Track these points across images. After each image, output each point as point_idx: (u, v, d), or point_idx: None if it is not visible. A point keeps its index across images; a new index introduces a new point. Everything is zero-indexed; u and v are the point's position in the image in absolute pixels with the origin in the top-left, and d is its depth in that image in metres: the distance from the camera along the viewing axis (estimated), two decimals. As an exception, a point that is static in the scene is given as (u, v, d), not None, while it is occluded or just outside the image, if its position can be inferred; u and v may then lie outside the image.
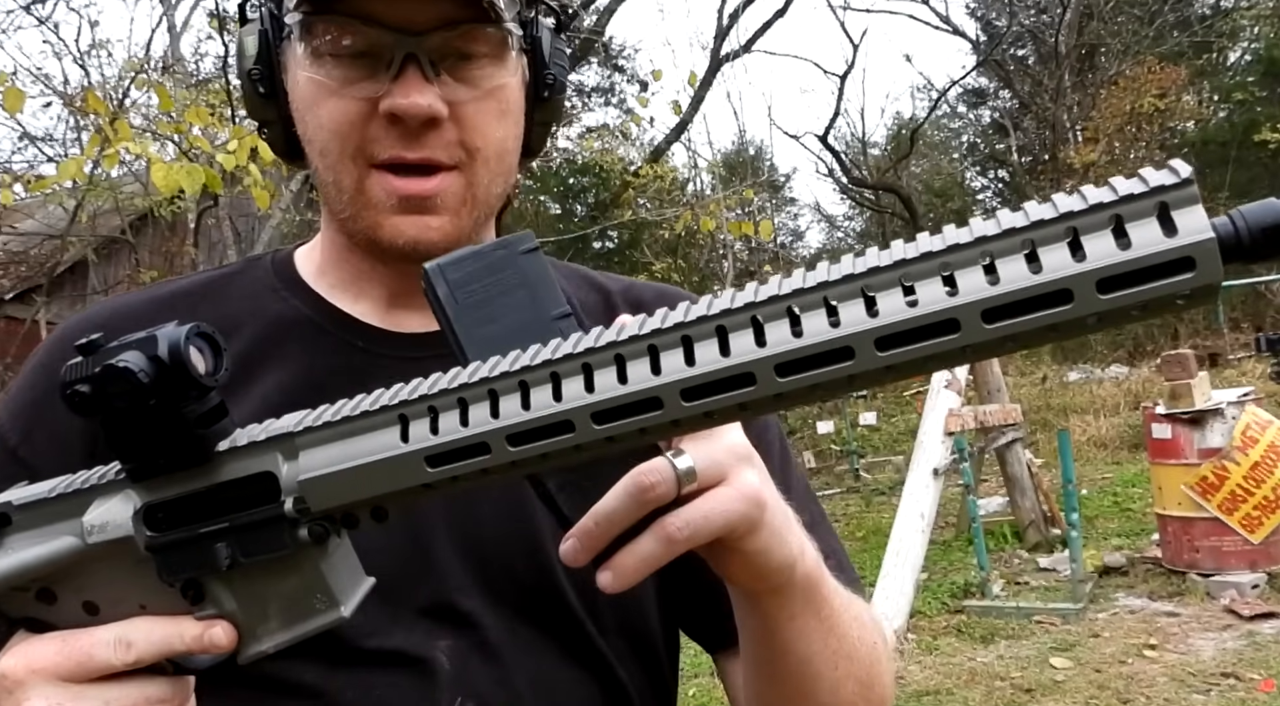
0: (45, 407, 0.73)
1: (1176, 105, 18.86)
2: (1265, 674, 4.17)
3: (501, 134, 0.74)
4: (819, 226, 38.03)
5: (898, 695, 4.43)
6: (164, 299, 0.79)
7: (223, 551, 0.51)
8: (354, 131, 0.71)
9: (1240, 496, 5.36)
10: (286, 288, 0.81)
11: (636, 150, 18.29)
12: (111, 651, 0.52)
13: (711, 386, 0.42)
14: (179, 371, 0.48)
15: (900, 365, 0.40)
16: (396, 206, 0.71)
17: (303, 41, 0.71)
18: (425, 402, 0.47)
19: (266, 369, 0.75)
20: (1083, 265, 0.37)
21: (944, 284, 0.39)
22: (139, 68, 9.64)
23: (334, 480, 0.48)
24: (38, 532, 0.53)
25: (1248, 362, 12.39)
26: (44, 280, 8.86)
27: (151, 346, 0.48)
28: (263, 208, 5.08)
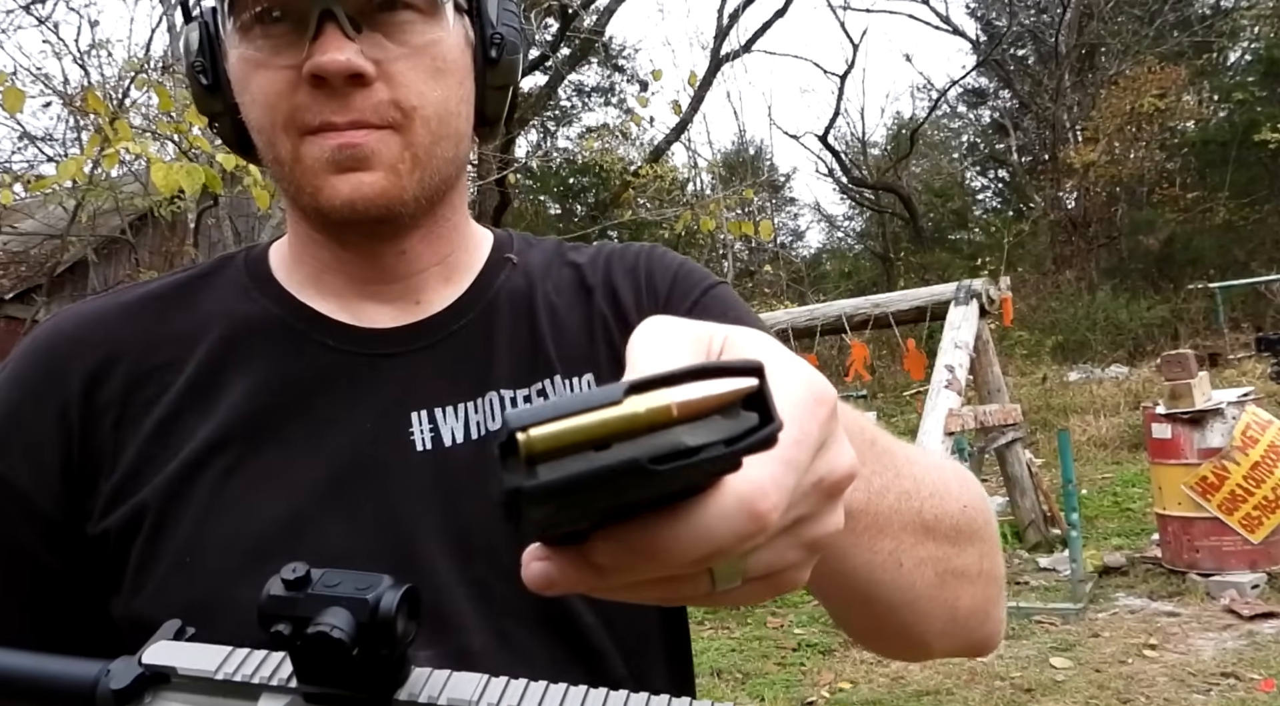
0: (18, 421, 0.71)
1: (1176, 105, 18.87)
2: (1265, 674, 4.17)
3: (440, 94, 0.71)
4: (819, 226, 38.08)
5: (898, 695, 4.44)
6: (133, 305, 0.77)
7: None
8: (282, 101, 0.68)
9: (1240, 496, 5.36)
10: (257, 287, 0.78)
11: (636, 150, 18.30)
12: None
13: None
14: (384, 633, 0.49)
15: None
16: (329, 164, 0.68)
17: (231, 17, 0.69)
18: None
19: (235, 372, 0.73)
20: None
21: None
22: (139, 68, 9.64)
23: None
24: (196, 701, 0.54)
25: (1248, 362, 12.40)
26: (44, 280, 8.87)
27: (363, 611, 0.49)
28: (263, 207, 5.08)
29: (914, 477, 0.62)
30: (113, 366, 0.72)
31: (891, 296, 8.12)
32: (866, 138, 25.94)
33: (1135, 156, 19.34)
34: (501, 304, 0.79)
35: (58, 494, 0.70)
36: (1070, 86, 20.83)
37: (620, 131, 17.70)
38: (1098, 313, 15.92)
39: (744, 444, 0.33)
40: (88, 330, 0.74)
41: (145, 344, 0.73)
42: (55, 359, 0.72)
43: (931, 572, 0.63)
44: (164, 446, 0.69)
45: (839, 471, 0.39)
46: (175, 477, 0.68)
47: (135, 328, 0.74)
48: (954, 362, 6.58)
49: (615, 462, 0.32)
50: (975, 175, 26.89)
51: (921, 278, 17.60)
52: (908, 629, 0.65)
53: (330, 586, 0.50)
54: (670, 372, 0.34)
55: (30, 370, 0.72)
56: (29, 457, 0.70)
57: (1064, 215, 20.40)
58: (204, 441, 0.69)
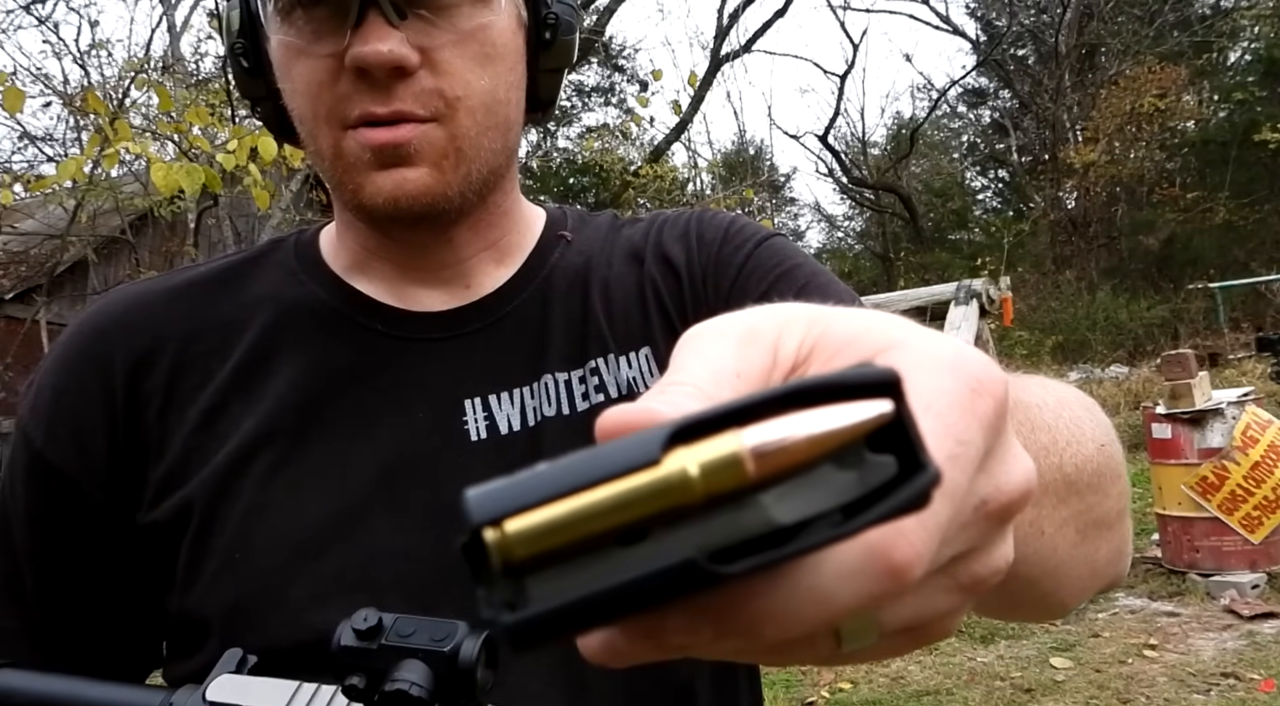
0: (66, 407, 0.70)
1: (1176, 105, 18.87)
2: (1265, 674, 4.17)
3: (489, 82, 0.67)
4: (819, 226, 38.02)
5: (898, 695, 4.44)
6: (180, 289, 0.75)
7: None
8: (324, 91, 0.65)
9: (1240, 496, 5.36)
10: (305, 270, 0.76)
11: (636, 150, 18.31)
12: None
13: None
14: (464, 686, 0.47)
15: None
16: (371, 161, 0.65)
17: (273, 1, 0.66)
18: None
19: (282, 360, 0.71)
20: None
21: None
22: (139, 68, 9.64)
23: None
24: None
25: (1248, 363, 12.39)
26: (44, 280, 8.87)
27: (441, 664, 0.47)
28: (262, 208, 5.08)
29: (1049, 427, 0.53)
30: (158, 352, 0.70)
31: (891, 296, 8.12)
32: (866, 138, 25.96)
33: (1135, 156, 19.34)
34: (556, 282, 0.76)
35: (106, 481, 0.69)
36: (1070, 86, 20.83)
37: (620, 131, 17.72)
38: (1098, 313, 15.91)
39: (876, 513, 0.22)
40: (133, 315, 0.73)
41: (191, 329, 0.71)
42: (100, 345, 0.71)
43: (1073, 531, 0.53)
44: (210, 437, 0.68)
45: (1010, 489, 0.28)
46: (223, 472, 0.67)
47: (181, 312, 0.73)
48: (954, 363, 6.58)
49: (655, 570, 0.20)
50: (975, 175, 26.90)
51: (921, 278, 17.61)
52: (1046, 597, 0.56)
53: (404, 636, 0.48)
54: (741, 403, 0.22)
55: (76, 356, 0.72)
56: (77, 443, 0.69)
57: (1064, 215, 20.40)
58: (251, 433, 0.68)
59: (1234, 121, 19.30)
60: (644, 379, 0.72)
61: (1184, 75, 18.68)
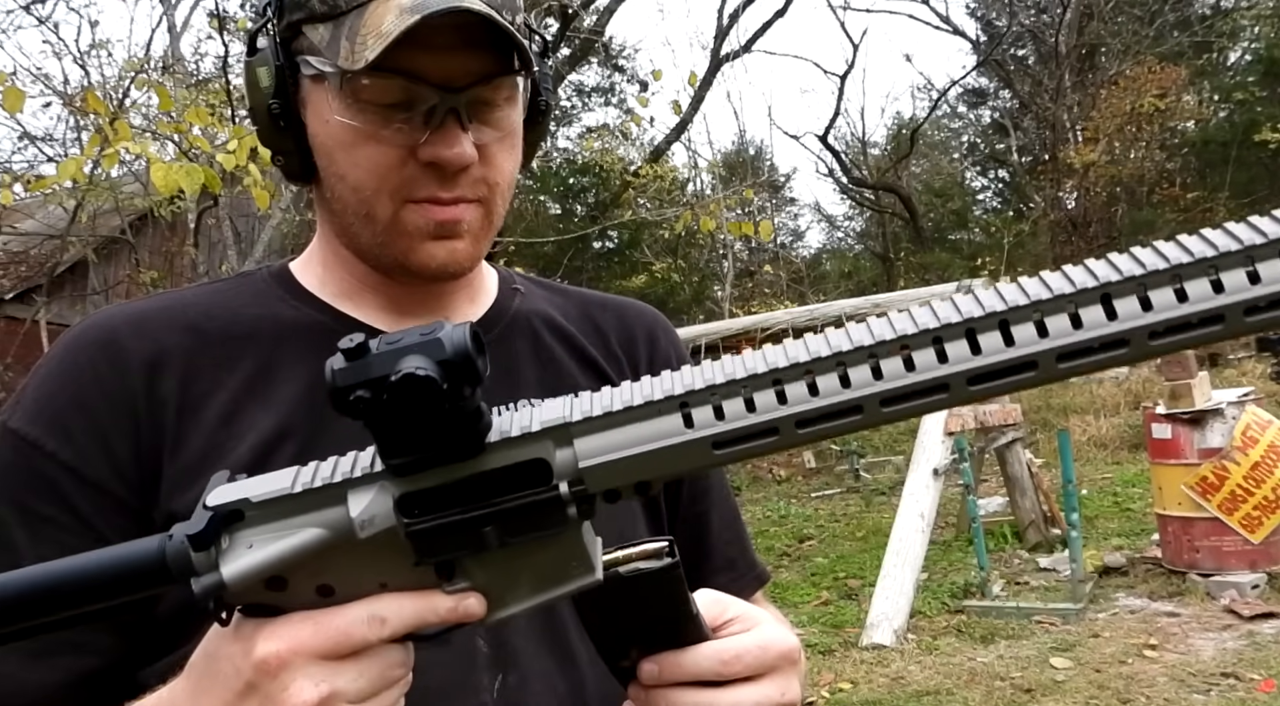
0: (80, 409, 0.74)
1: (1176, 105, 18.86)
2: (1265, 674, 4.17)
3: (512, 166, 0.82)
4: (819, 226, 38.06)
5: (898, 695, 4.44)
6: (179, 306, 0.81)
7: (491, 535, 0.53)
8: (392, 173, 0.76)
9: (1240, 496, 5.36)
10: (294, 296, 0.84)
11: (636, 150, 18.31)
12: (367, 628, 0.54)
13: (989, 375, 0.49)
14: (467, 372, 0.49)
15: (1073, 369, 0.49)
16: (430, 234, 0.78)
17: (343, 89, 0.75)
18: (709, 391, 0.51)
19: (289, 370, 0.78)
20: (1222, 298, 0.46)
21: (1140, 302, 0.47)
22: (139, 68, 9.64)
23: (619, 465, 0.52)
24: (276, 526, 0.54)
25: (1248, 362, 12.39)
26: (44, 280, 8.86)
27: (438, 349, 0.49)
28: (262, 208, 5.08)
29: None
30: (167, 360, 0.77)
31: (891, 296, 8.13)
32: (866, 138, 25.93)
33: (1135, 156, 19.32)
34: (520, 324, 0.89)
35: (129, 478, 0.73)
36: (1070, 86, 20.82)
37: (620, 131, 17.72)
38: (1098, 313, 15.89)
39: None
40: (137, 326, 0.78)
41: (192, 343, 0.78)
42: (113, 349, 0.76)
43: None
44: (229, 435, 0.75)
45: None
46: (247, 464, 0.71)
47: (180, 326, 0.79)
48: (954, 363, 6.57)
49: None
50: (975, 175, 26.87)
51: (921, 278, 17.61)
52: None
53: (393, 341, 0.50)
54: None
55: (89, 360, 0.76)
56: (96, 443, 0.73)
57: (1064, 215, 20.39)
58: (270, 430, 0.75)
59: (1234, 121, 19.30)
60: None
61: (1184, 75, 18.67)
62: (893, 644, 5.10)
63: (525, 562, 0.56)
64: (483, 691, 0.75)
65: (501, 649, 0.77)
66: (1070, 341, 0.48)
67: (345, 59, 0.73)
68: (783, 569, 7.30)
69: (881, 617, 5.23)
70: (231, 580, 0.52)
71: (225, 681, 0.54)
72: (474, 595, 0.56)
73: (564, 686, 0.79)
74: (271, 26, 0.79)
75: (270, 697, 0.53)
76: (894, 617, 5.24)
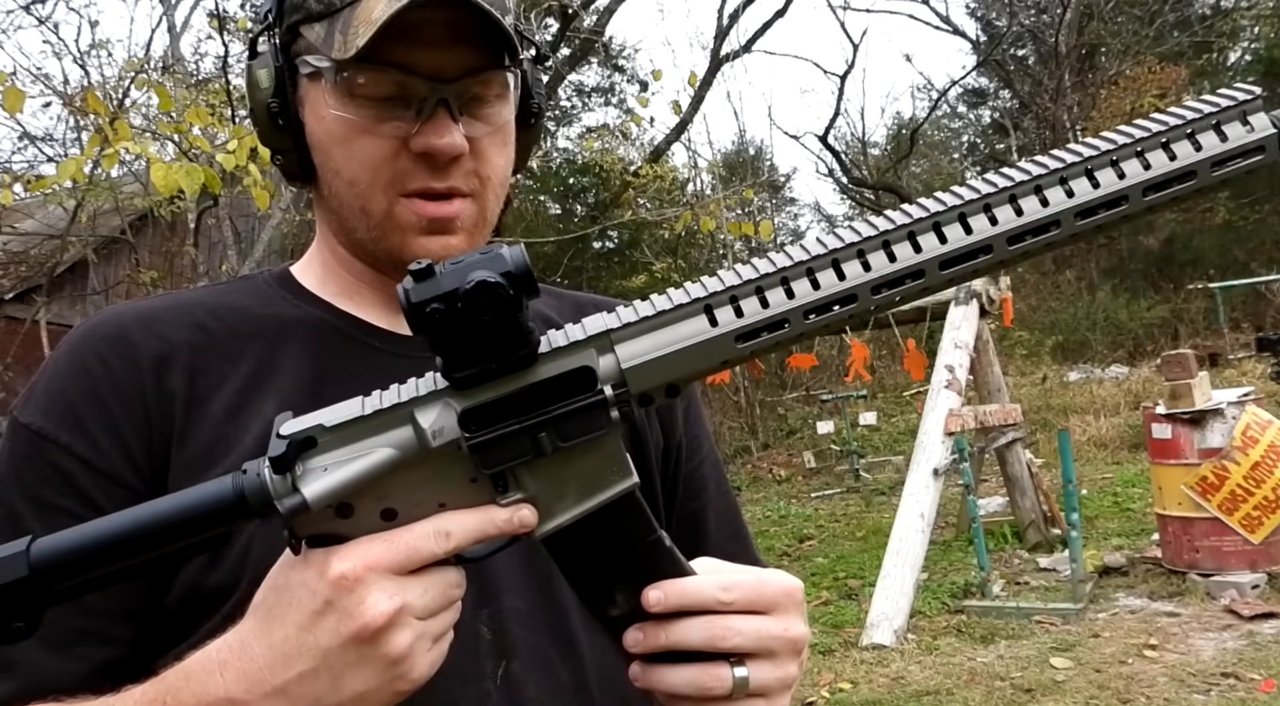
0: (93, 402, 0.76)
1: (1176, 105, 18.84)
2: (1265, 674, 4.17)
3: (504, 162, 0.84)
4: (819, 226, 37.99)
5: (898, 695, 4.43)
6: (184, 305, 0.83)
7: (546, 441, 0.58)
8: (386, 165, 0.79)
9: (1240, 496, 5.36)
10: (296, 296, 0.87)
11: (636, 150, 18.30)
12: (434, 542, 0.58)
13: (958, 258, 0.58)
14: (526, 282, 0.54)
15: (1083, 233, 0.59)
16: (424, 228, 0.80)
17: (338, 84, 0.77)
18: (728, 292, 0.58)
19: (294, 362, 0.81)
20: (1201, 153, 0.58)
21: (1114, 172, 0.59)
22: (139, 68, 9.64)
23: (655, 365, 0.58)
24: (347, 450, 0.58)
25: (1248, 362, 12.39)
26: (44, 280, 8.85)
27: (500, 263, 0.54)
28: (262, 208, 5.07)
29: None
30: (174, 355, 0.79)
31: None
32: (866, 138, 25.91)
33: (1135, 156, 19.30)
34: None
35: (140, 469, 0.75)
36: (1070, 86, 20.82)
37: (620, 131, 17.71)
38: (1098, 312, 15.90)
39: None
40: (146, 324, 0.80)
41: (198, 340, 0.80)
42: (124, 345, 0.78)
43: None
44: (235, 427, 0.77)
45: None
46: (254, 454, 0.73)
47: (186, 324, 0.81)
48: (954, 362, 6.58)
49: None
50: (975, 175, 26.76)
51: (921, 278, 17.55)
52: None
53: (457, 262, 0.55)
54: None
55: (100, 356, 0.78)
56: (109, 435, 0.75)
57: (1064, 215, 20.37)
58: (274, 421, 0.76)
59: (1234, 121, 19.26)
60: None
61: (1184, 75, 18.66)
62: (893, 644, 5.10)
63: (571, 471, 0.60)
64: (486, 679, 0.76)
65: (504, 636, 0.78)
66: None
67: (339, 50, 0.75)
68: (783, 569, 7.29)
69: (881, 617, 5.23)
70: (313, 499, 0.56)
71: (300, 603, 0.58)
72: (527, 506, 0.60)
73: (566, 672, 0.80)
74: (272, 31, 0.82)
75: (348, 612, 0.56)
76: (894, 617, 5.24)
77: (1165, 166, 0.58)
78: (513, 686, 0.76)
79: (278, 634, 0.58)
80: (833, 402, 12.56)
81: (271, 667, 0.58)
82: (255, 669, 0.58)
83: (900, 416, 12.93)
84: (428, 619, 0.59)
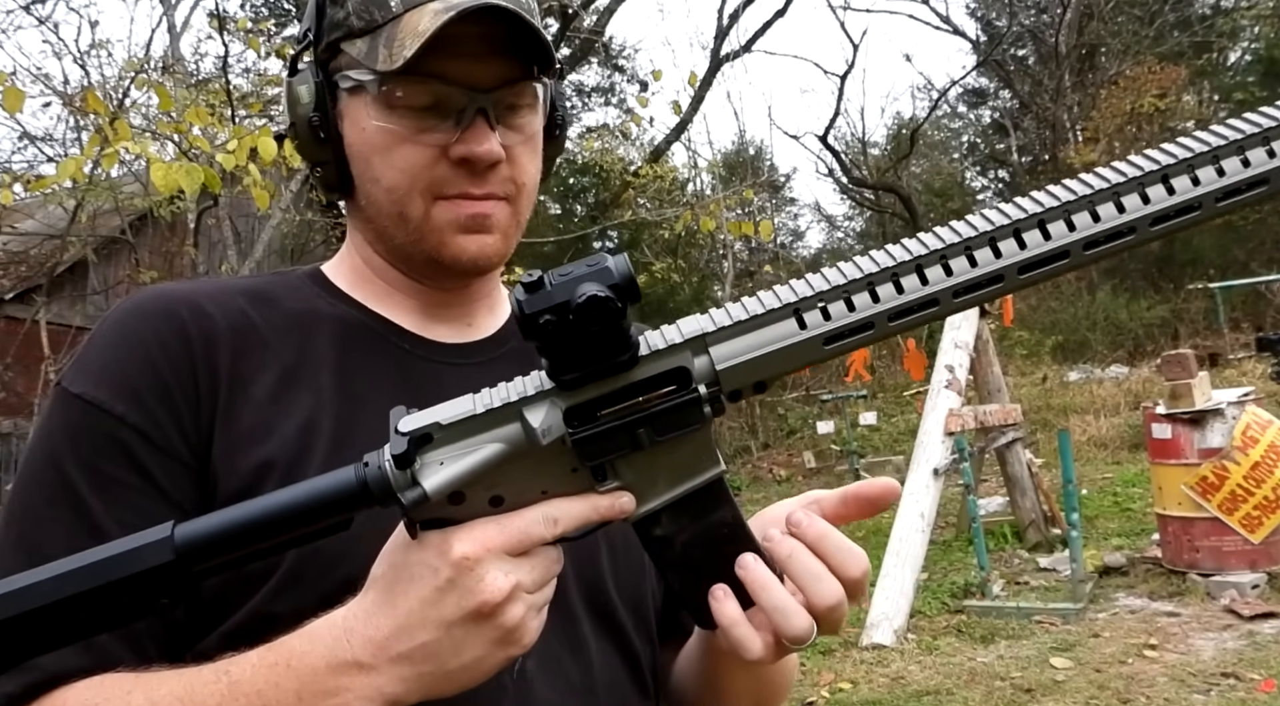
0: (149, 373, 0.77)
1: (1176, 105, 18.85)
2: (1265, 674, 4.17)
3: (534, 170, 0.88)
4: (819, 226, 38.02)
5: (898, 695, 4.43)
6: (226, 290, 0.86)
7: (644, 436, 0.63)
8: (425, 172, 0.82)
9: (1240, 496, 5.36)
10: (331, 295, 0.89)
11: (636, 150, 18.30)
12: (543, 528, 0.64)
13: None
14: (631, 292, 0.59)
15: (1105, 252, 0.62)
16: (462, 226, 0.84)
17: (379, 96, 0.81)
18: (816, 297, 0.63)
19: (331, 357, 0.84)
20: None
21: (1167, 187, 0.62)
22: (139, 68, 9.63)
23: (747, 366, 0.63)
24: (460, 445, 0.63)
25: (1248, 363, 12.39)
26: (44, 280, 8.85)
27: (607, 276, 0.58)
28: (262, 208, 5.07)
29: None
30: (222, 337, 0.81)
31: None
32: (866, 138, 25.89)
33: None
34: None
35: (192, 443, 0.77)
36: (1070, 86, 20.82)
37: (620, 131, 17.70)
38: (1098, 312, 15.90)
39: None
40: (192, 305, 0.82)
41: (240, 325, 0.82)
42: (177, 321, 0.80)
43: None
44: (276, 412, 0.79)
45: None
46: (293, 439, 0.78)
47: (227, 310, 0.83)
48: (954, 362, 6.58)
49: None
50: (975, 175, 26.86)
51: (921, 278, 17.54)
52: None
53: (565, 274, 0.60)
54: None
55: (154, 329, 0.79)
56: (165, 407, 0.76)
57: (1064, 215, 20.35)
58: (312, 410, 0.80)
59: (1234, 121, 19.25)
60: None
61: (1184, 75, 18.66)
62: (893, 644, 5.10)
63: (664, 460, 0.65)
64: (503, 674, 0.78)
65: None
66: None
67: (384, 63, 0.79)
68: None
69: (881, 617, 5.23)
70: (433, 491, 0.61)
71: (423, 581, 0.63)
72: (625, 493, 0.66)
73: (576, 674, 0.83)
74: (311, 50, 0.86)
75: (469, 589, 0.62)
76: (894, 617, 5.24)
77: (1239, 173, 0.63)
78: (527, 683, 0.80)
79: (401, 607, 0.63)
80: (833, 402, 12.56)
81: (396, 637, 0.63)
82: (381, 637, 0.64)
83: (900, 416, 12.93)
84: (535, 593, 0.65)
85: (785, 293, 0.63)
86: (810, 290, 0.62)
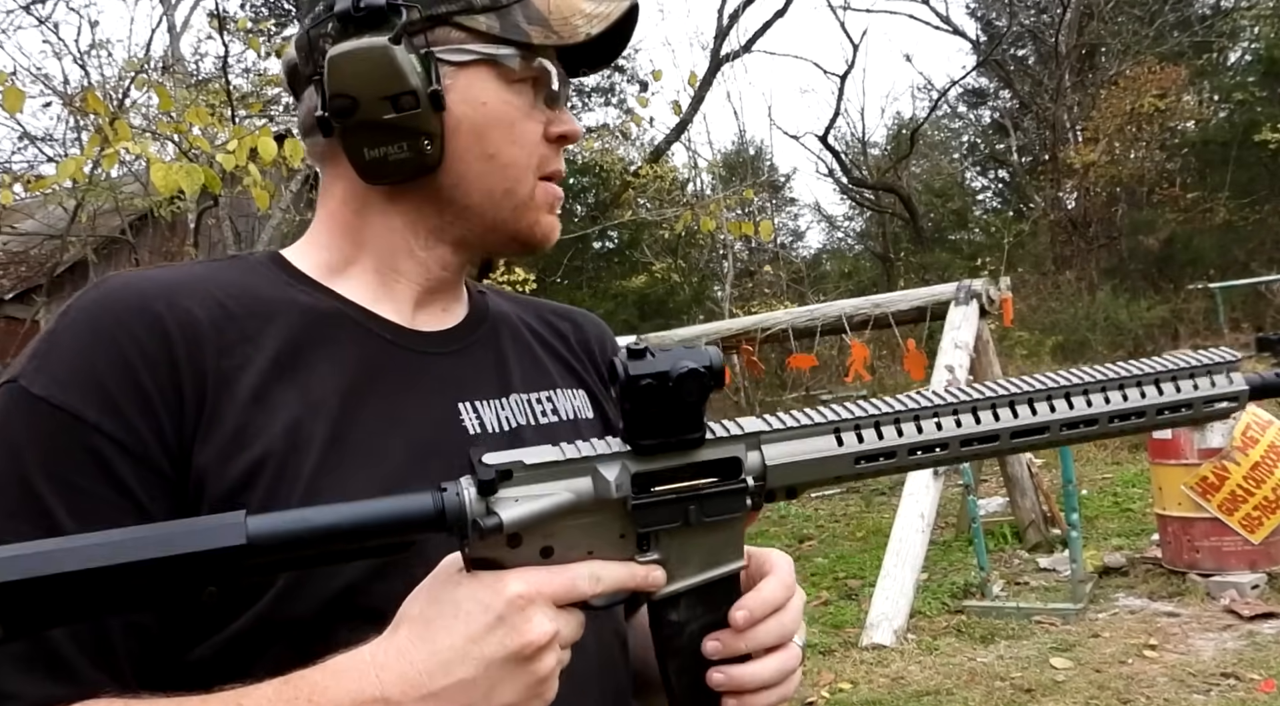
0: (125, 378, 0.70)
1: (1176, 105, 18.85)
2: (1265, 674, 4.17)
3: None
4: (819, 226, 38.04)
5: (898, 695, 4.43)
6: (197, 279, 0.79)
7: (694, 513, 0.67)
8: (537, 149, 0.85)
9: (1240, 496, 5.36)
10: (301, 283, 0.83)
11: (636, 150, 18.31)
12: (588, 585, 0.65)
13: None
14: (718, 378, 0.63)
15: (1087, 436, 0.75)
16: (550, 206, 0.88)
17: (510, 70, 0.82)
18: (854, 421, 0.70)
19: (315, 351, 0.79)
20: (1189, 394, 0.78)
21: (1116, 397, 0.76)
22: (139, 68, 9.64)
23: (788, 468, 0.69)
24: (534, 488, 0.64)
25: (1248, 363, 12.35)
26: (44, 280, 8.86)
27: (704, 358, 0.63)
28: (262, 208, 5.07)
29: None
30: (203, 331, 0.74)
31: (891, 296, 8.11)
32: (866, 138, 25.88)
33: (1135, 156, 19.32)
34: (499, 322, 0.95)
35: (171, 451, 0.70)
36: (1070, 86, 20.82)
37: (620, 131, 17.73)
38: (1098, 313, 15.90)
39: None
40: (167, 295, 0.74)
41: (219, 317, 0.76)
42: (151, 316, 0.72)
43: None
44: (260, 411, 0.74)
45: None
46: (280, 440, 0.74)
47: (206, 300, 0.76)
48: (954, 363, 6.58)
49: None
50: (975, 175, 26.85)
51: (921, 278, 17.60)
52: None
53: (666, 349, 0.64)
54: None
55: (127, 326, 0.71)
56: (144, 415, 0.69)
57: (1064, 215, 20.39)
58: (303, 409, 0.75)
59: (1234, 121, 19.26)
60: (583, 412, 0.94)
61: (1184, 75, 18.65)
62: (893, 644, 5.10)
63: (700, 542, 0.69)
64: None
65: None
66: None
67: (539, 38, 0.81)
68: (783, 569, 7.29)
69: (881, 617, 5.23)
70: (509, 523, 0.62)
71: (471, 616, 0.62)
72: (659, 568, 0.68)
73: (576, 657, 0.82)
74: (406, 22, 0.79)
75: (516, 628, 0.62)
76: (894, 617, 5.24)
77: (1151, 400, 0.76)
78: None
79: (443, 641, 0.62)
80: (833, 402, 12.53)
81: (432, 673, 0.62)
82: (414, 672, 0.62)
83: (900, 416, 12.90)
84: (564, 649, 0.65)
85: (831, 413, 0.70)
86: (850, 415, 0.70)
